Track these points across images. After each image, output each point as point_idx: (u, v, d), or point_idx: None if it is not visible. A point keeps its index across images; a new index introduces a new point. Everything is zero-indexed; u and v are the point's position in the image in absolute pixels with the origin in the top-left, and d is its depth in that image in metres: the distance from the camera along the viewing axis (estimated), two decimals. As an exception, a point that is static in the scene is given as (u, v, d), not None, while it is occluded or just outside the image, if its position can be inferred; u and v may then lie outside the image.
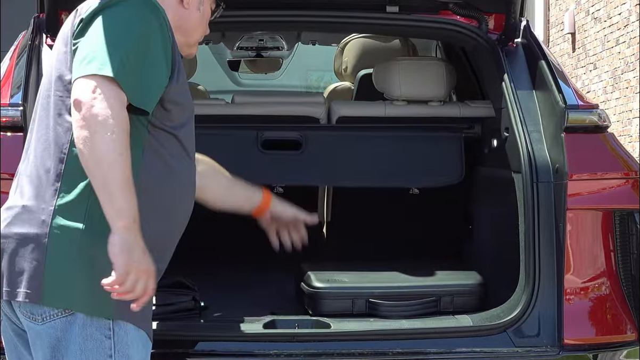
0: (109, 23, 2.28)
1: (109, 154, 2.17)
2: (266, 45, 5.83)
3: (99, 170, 2.19)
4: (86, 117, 2.18)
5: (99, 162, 2.18)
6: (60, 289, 2.27)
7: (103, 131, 2.17)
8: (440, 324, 3.11)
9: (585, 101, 3.35)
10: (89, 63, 2.23)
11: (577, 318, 3.14)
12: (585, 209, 3.18)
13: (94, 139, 2.17)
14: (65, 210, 2.27)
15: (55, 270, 2.27)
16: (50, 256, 2.26)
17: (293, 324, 3.13)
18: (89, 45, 2.26)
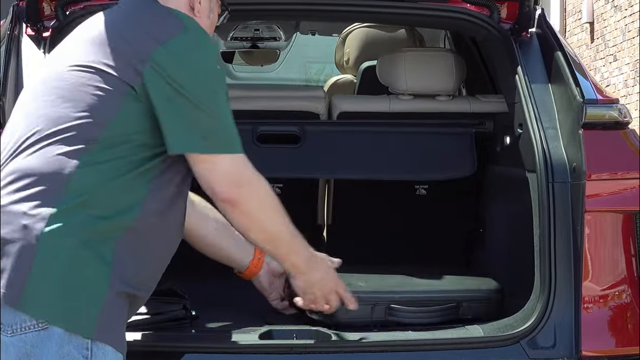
0: (199, 70, 2.41)
1: (275, 231, 2.59)
2: (262, 35, 5.83)
3: (269, 245, 2.65)
4: (245, 210, 2.48)
5: (269, 240, 2.62)
6: (42, 298, 2.27)
7: (264, 214, 2.53)
8: (449, 335, 3.11)
9: (604, 95, 3.35)
10: (205, 137, 2.40)
11: (595, 328, 3.13)
12: (604, 211, 3.18)
13: (260, 224, 2.54)
14: (61, 221, 2.29)
15: (40, 277, 2.27)
16: (38, 261, 2.27)
17: (291, 334, 3.13)
18: (195, 110, 2.39)
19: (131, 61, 2.38)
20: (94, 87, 2.38)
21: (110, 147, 2.36)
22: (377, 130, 3.99)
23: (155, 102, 2.37)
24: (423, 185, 4.32)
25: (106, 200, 2.34)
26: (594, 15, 11.46)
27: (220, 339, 3.10)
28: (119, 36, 2.43)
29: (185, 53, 2.40)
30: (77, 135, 2.35)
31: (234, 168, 2.44)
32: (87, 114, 2.36)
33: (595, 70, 11.32)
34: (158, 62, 2.37)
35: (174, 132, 2.39)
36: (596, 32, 11.43)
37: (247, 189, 2.46)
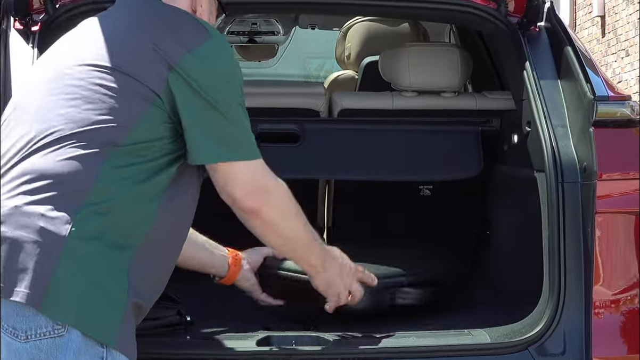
0: (225, 77, 2.48)
1: (294, 236, 2.69)
2: (260, 29, 5.84)
3: (288, 248, 2.76)
4: (265, 218, 2.56)
5: (287, 244, 2.72)
6: (65, 301, 2.28)
7: (284, 220, 2.62)
8: (454, 341, 3.11)
9: (616, 92, 3.35)
10: (228, 143, 2.47)
11: (607, 334, 3.13)
12: (616, 213, 3.18)
13: (280, 231, 2.63)
14: (84, 226, 2.32)
15: (64, 280, 2.28)
16: (63, 264, 2.28)
17: (290, 340, 3.13)
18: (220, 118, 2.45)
19: (157, 67, 2.42)
20: (117, 90, 2.40)
21: (131, 153, 2.39)
22: (380, 128, 3.99)
23: (181, 108, 2.43)
24: (427, 185, 4.32)
25: (126, 207, 2.37)
26: (605, 8, 11.47)
27: (216, 346, 3.10)
28: (145, 38, 2.46)
29: (212, 60, 2.46)
30: (100, 139, 2.37)
31: (254, 175, 2.52)
32: (111, 117, 2.38)
33: (607, 65, 11.32)
34: (184, 68, 2.42)
35: (200, 142, 2.44)
36: (607, 26, 11.44)
37: (270, 197, 2.54)
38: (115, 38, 2.50)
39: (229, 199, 2.52)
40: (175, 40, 2.45)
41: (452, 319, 3.42)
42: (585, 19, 12.29)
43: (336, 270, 2.97)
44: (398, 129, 3.99)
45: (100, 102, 2.40)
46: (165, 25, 2.50)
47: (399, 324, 3.32)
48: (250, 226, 2.60)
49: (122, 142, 2.38)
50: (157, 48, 2.43)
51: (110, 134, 2.38)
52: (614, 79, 11.00)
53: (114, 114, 2.39)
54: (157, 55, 2.43)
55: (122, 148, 2.38)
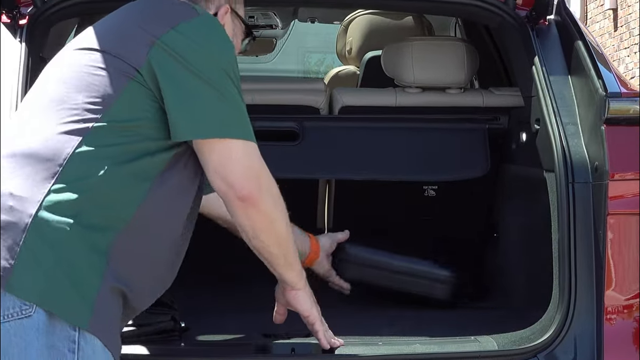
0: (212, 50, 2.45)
1: (285, 234, 2.60)
2: (257, 23, 5.83)
3: (280, 250, 2.64)
4: (262, 209, 2.50)
5: (280, 243, 2.62)
6: (30, 279, 2.28)
7: (278, 214, 2.55)
8: (459, 348, 3.11)
9: (628, 88, 3.35)
10: (222, 121, 2.42)
11: (619, 341, 3.14)
12: (629, 214, 3.18)
13: (274, 226, 2.56)
14: (55, 203, 2.32)
15: (29, 258, 2.29)
16: (28, 242, 2.29)
17: (288, 347, 3.13)
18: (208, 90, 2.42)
19: (139, 43, 2.43)
20: (100, 69, 2.43)
21: (112, 131, 2.38)
22: (382, 126, 4.00)
23: (162, 81, 2.40)
24: (432, 186, 4.32)
25: (106, 188, 2.36)
26: (618, 1, 11.47)
27: (212, 353, 3.10)
28: (131, 22, 2.50)
29: (200, 36, 2.45)
30: (78, 116, 2.39)
31: (252, 158, 2.46)
32: (91, 95, 2.41)
33: (619, 60, 11.33)
34: (167, 43, 2.42)
35: (184, 116, 2.40)
36: (620, 19, 11.44)
37: (267, 186, 2.50)
38: (109, 25, 2.56)
39: (222, 185, 2.46)
40: (161, 19, 2.47)
41: (458, 325, 3.42)
42: (597, 12, 12.30)
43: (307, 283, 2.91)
44: (401, 127, 3.99)
45: (83, 81, 2.43)
46: (156, 10, 2.53)
47: (404, 330, 3.32)
48: (244, 218, 2.52)
49: (102, 119, 2.38)
50: (142, 27, 2.45)
51: (90, 112, 2.39)
52: (627, 75, 11.01)
53: (94, 92, 2.41)
54: (141, 32, 2.44)
55: (102, 125, 2.38)
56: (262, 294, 3.93)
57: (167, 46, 2.42)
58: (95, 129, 2.38)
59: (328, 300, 3.93)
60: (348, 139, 3.97)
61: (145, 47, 2.42)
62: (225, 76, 2.45)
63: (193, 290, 3.81)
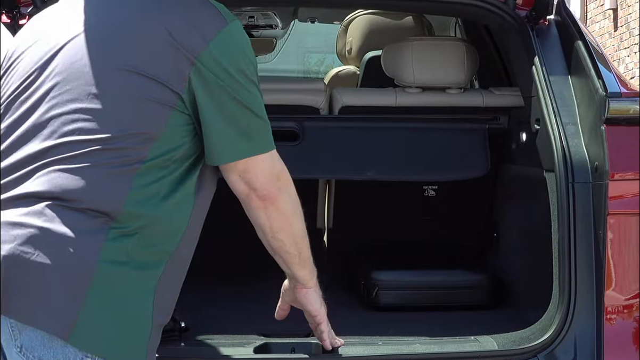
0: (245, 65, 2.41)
1: (301, 232, 2.63)
2: (257, 23, 5.83)
3: (296, 250, 2.66)
4: (281, 208, 2.53)
5: (297, 243, 2.65)
6: (97, 330, 2.23)
7: (295, 214, 2.58)
8: (459, 348, 3.11)
9: (629, 88, 3.35)
10: (251, 137, 2.43)
11: (619, 341, 3.14)
12: (629, 214, 3.18)
13: (292, 226, 2.59)
14: (115, 248, 2.26)
15: (95, 307, 2.22)
16: (94, 290, 2.22)
17: (288, 347, 3.13)
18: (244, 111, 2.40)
19: (177, 63, 2.32)
20: (137, 96, 2.29)
21: (157, 166, 2.31)
22: (382, 126, 4.00)
23: (202, 106, 2.34)
24: (432, 186, 4.33)
25: (154, 226, 2.31)
26: (618, 1, 11.47)
27: (212, 353, 3.10)
28: (158, 27, 2.31)
29: (232, 49, 2.37)
30: (124, 154, 2.28)
31: (273, 164, 2.51)
32: (135, 130, 2.29)
33: (619, 60, 11.33)
34: (205, 62, 2.33)
35: (222, 142, 2.38)
36: (620, 19, 11.44)
37: (284, 184, 2.53)
38: (127, 27, 2.36)
39: (245, 188, 2.47)
40: (191, 29, 2.33)
41: (458, 325, 3.43)
42: (597, 12, 12.29)
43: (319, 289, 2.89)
44: (401, 127, 3.99)
45: (120, 111, 2.29)
46: (177, 10, 2.37)
47: (404, 330, 3.32)
48: (265, 217, 2.54)
49: (148, 156, 2.29)
50: (174, 41, 2.31)
51: (136, 149, 2.28)
52: (627, 75, 11.01)
53: (138, 125, 2.29)
54: (175, 49, 2.31)
55: (148, 163, 2.29)
56: (262, 293, 3.93)
57: (206, 67, 2.32)
58: (143, 166, 2.29)
59: (328, 299, 3.95)
60: (348, 139, 3.97)
61: (185, 67, 2.31)
62: (255, 88, 2.43)
63: (193, 290, 3.81)
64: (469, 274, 3.88)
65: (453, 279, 3.86)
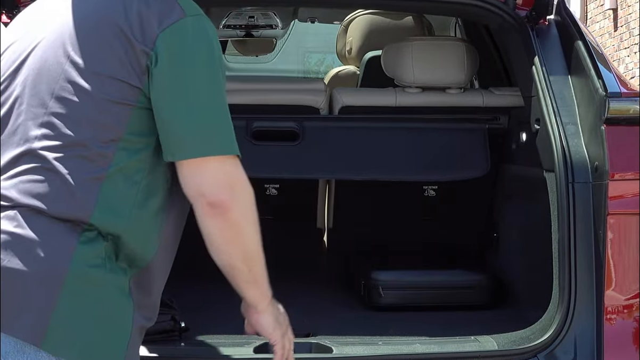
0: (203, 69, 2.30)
1: (255, 248, 2.39)
2: (257, 23, 5.84)
3: (246, 265, 2.41)
4: (231, 219, 2.32)
5: (247, 258, 2.40)
6: (70, 335, 2.21)
7: (248, 226, 2.36)
8: (459, 348, 3.11)
9: (628, 88, 3.35)
10: (206, 137, 2.29)
11: (619, 341, 3.14)
12: (629, 214, 3.18)
13: (242, 238, 2.36)
14: (87, 257, 2.23)
15: (67, 311, 2.21)
16: (66, 294, 2.20)
17: (288, 347, 3.13)
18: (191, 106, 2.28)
19: (137, 59, 2.26)
20: (100, 99, 2.25)
21: (125, 171, 2.27)
22: (382, 126, 4.00)
23: (157, 98, 2.27)
24: (432, 186, 4.33)
25: (128, 234, 2.28)
26: (618, 1, 11.47)
27: (212, 353, 3.10)
28: (122, 25, 2.28)
29: (188, 42, 2.29)
30: (91, 158, 2.25)
31: (228, 168, 2.31)
32: (97, 134, 2.25)
33: (619, 60, 11.33)
34: (161, 54, 2.26)
35: (175, 136, 2.28)
36: (620, 19, 11.44)
37: (239, 194, 2.33)
38: (88, 26, 2.32)
39: (194, 192, 2.30)
40: (149, 21, 2.28)
41: (458, 325, 3.43)
42: (597, 12, 12.29)
43: (277, 310, 2.60)
44: (401, 127, 3.99)
45: (82, 115, 2.25)
46: (136, 3, 2.31)
47: (404, 330, 3.32)
48: (213, 227, 2.33)
49: (113, 160, 2.25)
50: (131, 36, 2.26)
51: (101, 154, 2.25)
52: (627, 75, 11.01)
53: (100, 128, 2.25)
54: (131, 44, 2.25)
55: (115, 167, 2.25)
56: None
57: (163, 59, 2.25)
58: (110, 177, 2.26)
59: (328, 300, 3.95)
60: (348, 139, 3.97)
61: (144, 61, 2.26)
62: (216, 85, 2.32)
63: (193, 289, 3.81)
64: (469, 274, 3.88)
65: (453, 279, 3.85)
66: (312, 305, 3.81)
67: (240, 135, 3.85)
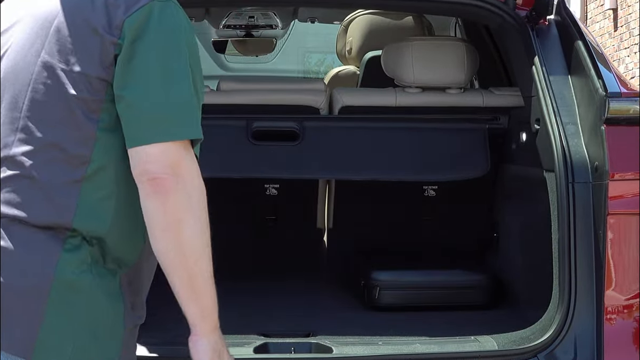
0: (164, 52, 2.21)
1: (196, 247, 2.20)
2: (257, 23, 5.83)
3: (183, 265, 2.20)
4: (171, 202, 2.17)
5: (186, 255, 2.20)
6: (56, 347, 2.19)
7: (190, 218, 2.18)
8: (459, 348, 3.11)
9: (629, 88, 3.35)
10: (160, 123, 2.18)
11: (619, 341, 3.14)
12: (629, 214, 3.18)
13: (181, 229, 2.18)
14: (74, 255, 2.21)
15: (54, 324, 2.19)
16: (52, 303, 2.18)
17: (289, 347, 3.13)
18: (152, 92, 2.19)
19: (104, 50, 2.20)
20: (70, 96, 2.20)
21: (104, 173, 2.23)
22: (382, 126, 4.00)
23: (117, 87, 2.20)
24: (432, 186, 4.33)
25: (112, 239, 2.26)
26: (618, 1, 11.47)
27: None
28: (87, 16, 2.24)
29: (152, 27, 2.21)
30: (68, 160, 2.21)
31: (175, 151, 2.19)
32: (71, 133, 2.21)
33: (619, 60, 11.33)
34: (126, 40, 2.19)
35: (134, 122, 2.19)
36: (620, 19, 11.44)
37: (183, 181, 2.18)
38: (57, 21, 2.26)
39: (138, 173, 2.19)
40: (114, 7, 2.22)
41: (458, 325, 3.43)
42: (597, 12, 12.29)
43: (220, 338, 2.38)
44: (401, 127, 3.99)
45: (54, 115, 2.21)
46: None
47: (404, 330, 3.33)
48: (151, 209, 2.19)
49: (91, 159, 2.21)
50: (96, 26, 2.20)
51: (77, 156, 2.21)
52: (627, 75, 11.02)
53: (73, 127, 2.19)
54: (98, 35, 2.20)
55: (93, 167, 2.21)
56: (262, 293, 3.93)
57: (127, 46, 2.19)
58: (89, 179, 2.21)
59: (328, 300, 3.95)
60: (348, 139, 3.97)
61: (111, 50, 2.20)
62: (177, 67, 2.21)
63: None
64: (469, 274, 3.88)
65: (453, 279, 3.85)
66: (312, 305, 3.82)
67: (240, 135, 3.88)
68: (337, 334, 3.23)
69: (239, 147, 3.87)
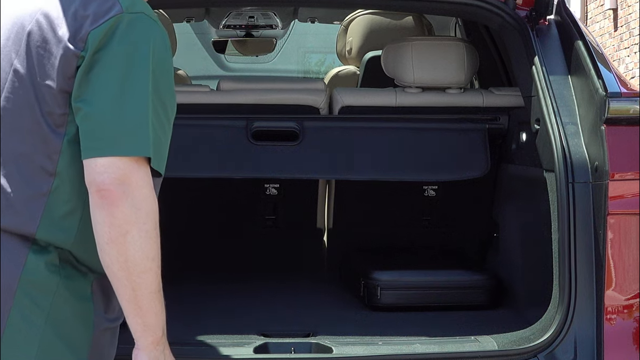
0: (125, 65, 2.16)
1: (141, 261, 2.16)
2: (257, 23, 5.83)
3: (127, 278, 2.17)
4: (116, 215, 2.13)
5: (130, 269, 2.16)
6: (21, 347, 2.19)
7: (136, 232, 2.15)
8: (459, 348, 3.11)
9: (629, 88, 3.35)
10: (110, 136, 2.15)
11: (619, 341, 3.14)
12: (629, 214, 3.18)
13: (126, 242, 2.14)
14: (41, 256, 2.21)
15: (18, 323, 2.19)
16: (17, 306, 2.18)
17: (289, 347, 3.13)
18: (105, 105, 2.15)
19: (67, 61, 2.18)
20: (35, 109, 2.19)
21: (69, 185, 2.22)
22: (382, 126, 4.00)
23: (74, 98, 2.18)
24: (432, 186, 4.33)
25: (77, 249, 2.25)
26: (618, 1, 11.47)
27: (212, 353, 3.10)
28: (54, 32, 2.21)
29: (114, 38, 2.17)
30: (34, 171, 2.20)
31: (126, 166, 2.15)
32: (36, 144, 2.19)
33: (619, 60, 11.33)
34: (88, 52, 2.17)
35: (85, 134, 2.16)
36: (620, 19, 11.44)
37: (132, 193, 2.15)
38: (27, 29, 2.24)
39: (88, 182, 2.17)
40: (80, 21, 2.18)
41: (458, 325, 3.43)
42: (597, 12, 12.30)
43: (170, 353, 2.30)
44: (401, 127, 3.99)
45: (20, 127, 2.20)
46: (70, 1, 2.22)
47: (404, 330, 3.33)
48: (98, 224, 2.16)
49: (56, 171, 2.19)
50: (61, 36, 2.17)
51: (43, 169, 2.20)
52: (627, 75, 11.02)
53: (38, 138, 2.19)
54: (63, 45, 2.17)
55: (58, 180, 2.20)
56: (262, 293, 3.93)
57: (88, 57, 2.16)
58: (54, 191, 2.20)
59: (328, 300, 3.95)
60: (348, 139, 3.97)
61: (74, 62, 2.17)
62: (136, 80, 2.17)
63: (193, 290, 3.81)
64: (469, 274, 3.88)
65: (453, 279, 3.85)
66: (312, 305, 3.82)
67: (240, 135, 3.88)
68: (337, 334, 3.23)
69: (239, 147, 3.88)
